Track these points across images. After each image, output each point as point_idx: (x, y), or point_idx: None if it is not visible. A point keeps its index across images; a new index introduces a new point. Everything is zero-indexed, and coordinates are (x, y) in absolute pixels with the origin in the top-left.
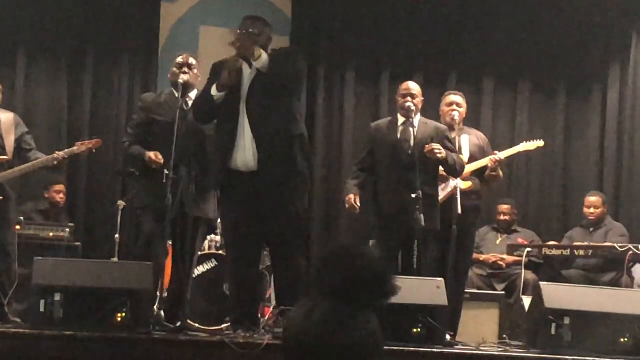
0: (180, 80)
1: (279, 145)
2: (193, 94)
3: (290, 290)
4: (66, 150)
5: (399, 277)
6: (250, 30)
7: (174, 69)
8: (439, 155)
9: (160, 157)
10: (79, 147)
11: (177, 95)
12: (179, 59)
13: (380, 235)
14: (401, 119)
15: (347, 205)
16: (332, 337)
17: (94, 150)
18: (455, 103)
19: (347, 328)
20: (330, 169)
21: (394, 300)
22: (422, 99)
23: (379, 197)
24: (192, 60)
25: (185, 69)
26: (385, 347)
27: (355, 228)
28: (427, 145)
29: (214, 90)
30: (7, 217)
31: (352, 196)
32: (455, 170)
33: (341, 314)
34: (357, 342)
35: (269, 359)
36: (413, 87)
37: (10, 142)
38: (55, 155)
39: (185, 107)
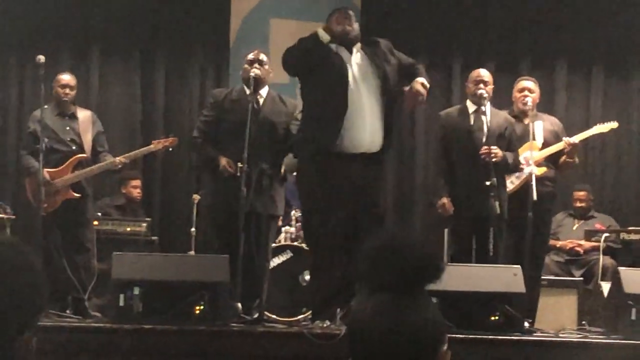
0: (252, 74)
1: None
2: (264, 91)
3: None
4: (140, 149)
5: (476, 265)
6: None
7: (246, 66)
8: (494, 159)
9: (232, 166)
10: (155, 145)
11: (248, 91)
12: (250, 56)
13: (453, 222)
14: (472, 107)
15: (439, 210)
16: (394, 328)
17: (170, 149)
18: (528, 89)
19: (407, 317)
20: (402, 157)
21: (472, 288)
22: (492, 86)
23: (451, 184)
24: (262, 57)
25: (257, 65)
26: (463, 335)
27: (429, 215)
28: (483, 148)
29: (321, 33)
30: (85, 213)
31: (445, 201)
32: (507, 171)
33: (398, 303)
34: (419, 328)
35: (346, 350)
36: (484, 74)
37: (88, 140)
38: (116, 161)
39: (256, 105)
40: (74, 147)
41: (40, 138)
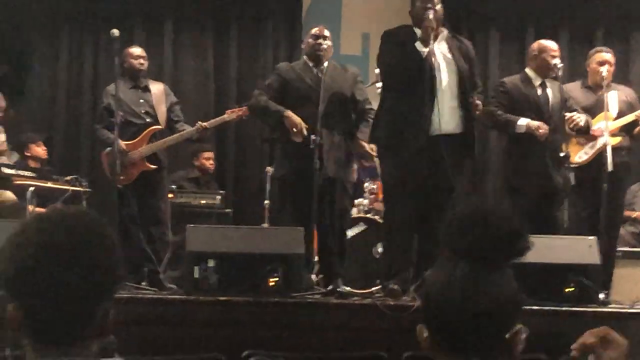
0: (320, 52)
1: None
2: (326, 63)
3: (437, 254)
4: (214, 119)
5: (551, 236)
6: (435, 10)
7: (309, 40)
8: (581, 124)
9: (302, 129)
10: (229, 115)
11: (310, 64)
12: (315, 30)
13: (526, 194)
14: (537, 79)
15: (539, 130)
16: (472, 299)
17: (244, 118)
18: (606, 61)
19: (487, 288)
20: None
21: (546, 260)
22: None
23: (519, 156)
24: (326, 32)
25: (320, 41)
26: (537, 307)
27: (502, 189)
28: (568, 116)
29: (421, 47)
30: (160, 185)
31: (531, 120)
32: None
33: (479, 274)
34: (497, 302)
35: (420, 322)
36: (554, 46)
37: (162, 112)
38: (198, 127)
39: (320, 75)
40: (148, 120)
41: (115, 112)
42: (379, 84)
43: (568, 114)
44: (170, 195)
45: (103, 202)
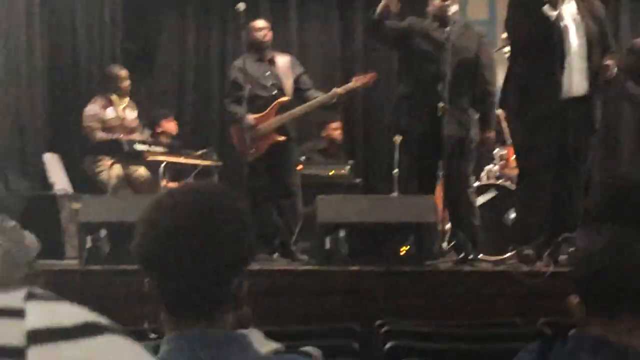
0: (449, 12)
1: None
2: (455, 24)
3: (572, 218)
4: (344, 86)
5: None
6: None
7: (438, 1)
8: None
9: None
10: (354, 83)
11: (436, 25)
12: None
13: None
14: None
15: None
16: (619, 261)
17: (371, 84)
18: None
19: (634, 253)
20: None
21: None
22: None
23: None
24: None
25: (449, 2)
26: None
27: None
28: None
29: (549, 11)
30: (290, 157)
31: None
32: None
33: (627, 237)
34: None
35: (554, 287)
36: None
37: (289, 84)
38: (333, 93)
39: (446, 36)
40: (275, 92)
41: (243, 85)
42: (507, 49)
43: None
44: (299, 167)
45: (234, 176)
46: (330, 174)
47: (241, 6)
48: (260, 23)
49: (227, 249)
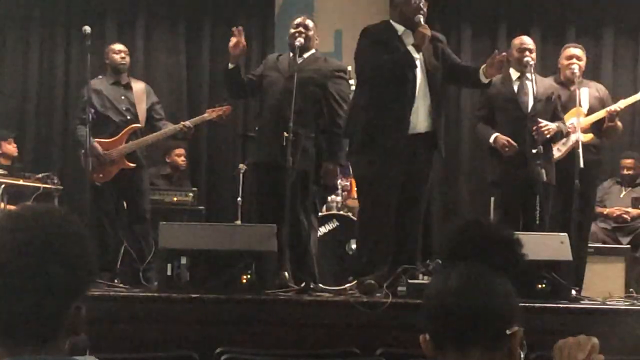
0: (297, 43)
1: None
2: (308, 54)
3: (411, 251)
4: (195, 118)
5: (522, 233)
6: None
7: (292, 30)
8: (547, 136)
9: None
10: (209, 114)
11: (291, 56)
12: (297, 20)
13: (501, 191)
14: (515, 74)
15: (505, 148)
16: (471, 299)
17: (224, 117)
18: (575, 56)
19: (485, 290)
20: (448, 124)
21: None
22: (534, 54)
23: (497, 152)
24: (309, 22)
25: (302, 29)
26: None
27: (473, 186)
28: (534, 128)
29: (414, 53)
30: (141, 184)
31: (500, 136)
32: (559, 140)
33: (478, 276)
34: (495, 304)
35: (393, 318)
36: (528, 41)
37: (142, 111)
38: (181, 125)
39: (296, 68)
40: (128, 117)
41: (87, 108)
42: (352, 81)
43: (536, 126)
44: None
45: (75, 200)
46: (174, 200)
47: (87, 28)
48: (118, 46)
49: (66, 274)
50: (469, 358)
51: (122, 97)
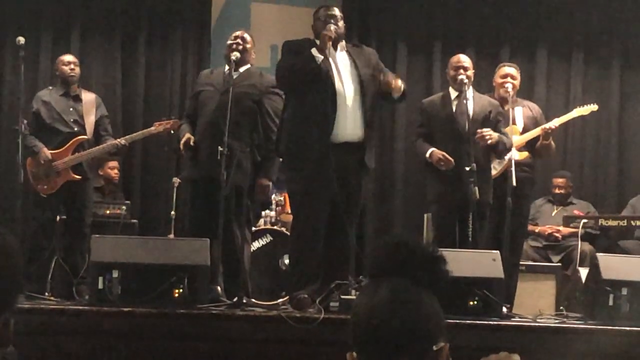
0: (233, 57)
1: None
2: (244, 68)
3: (344, 266)
4: (137, 132)
5: (455, 250)
6: (337, 25)
7: (229, 42)
8: (489, 142)
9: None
10: (156, 128)
11: (227, 70)
12: (235, 33)
13: (436, 208)
14: (454, 93)
15: (440, 162)
16: (398, 316)
17: (172, 132)
18: (510, 75)
19: (411, 306)
20: (383, 141)
21: (451, 273)
22: (473, 71)
23: (434, 170)
24: (246, 36)
25: (240, 41)
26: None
27: (408, 201)
28: (478, 131)
29: (316, 53)
30: (85, 197)
31: (437, 151)
32: (503, 153)
33: (404, 292)
34: (421, 320)
35: (325, 334)
36: (464, 59)
37: (90, 123)
38: (117, 142)
39: (229, 82)
40: (76, 129)
41: (44, 118)
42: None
43: (479, 130)
44: None
45: (6, 211)
46: (107, 213)
47: (21, 39)
48: (68, 57)
49: None
50: None
51: (71, 109)
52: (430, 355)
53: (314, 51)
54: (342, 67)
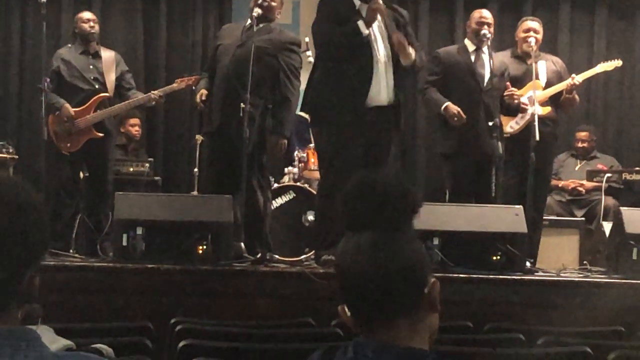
0: (255, 13)
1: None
2: (264, 24)
3: None
4: (165, 87)
5: (478, 205)
6: None
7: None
8: (515, 102)
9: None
10: (178, 84)
11: (247, 24)
12: None
13: (452, 162)
14: (471, 46)
15: (454, 118)
16: (382, 264)
17: (194, 87)
18: (533, 29)
19: (394, 252)
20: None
21: (474, 228)
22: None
23: (449, 124)
24: None
25: (261, 1)
26: (465, 275)
27: (429, 157)
28: (510, 88)
29: (363, 28)
30: (107, 154)
31: (452, 105)
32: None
33: (382, 240)
34: (406, 262)
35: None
36: (488, 15)
37: (111, 80)
38: (152, 95)
39: (245, 36)
40: (97, 86)
41: (64, 76)
42: (309, 52)
43: (512, 88)
44: None
45: (30, 169)
46: (130, 170)
47: None
48: (87, 15)
49: (19, 242)
50: (396, 327)
51: (91, 67)
52: (423, 297)
53: (360, 25)
54: (378, 32)
